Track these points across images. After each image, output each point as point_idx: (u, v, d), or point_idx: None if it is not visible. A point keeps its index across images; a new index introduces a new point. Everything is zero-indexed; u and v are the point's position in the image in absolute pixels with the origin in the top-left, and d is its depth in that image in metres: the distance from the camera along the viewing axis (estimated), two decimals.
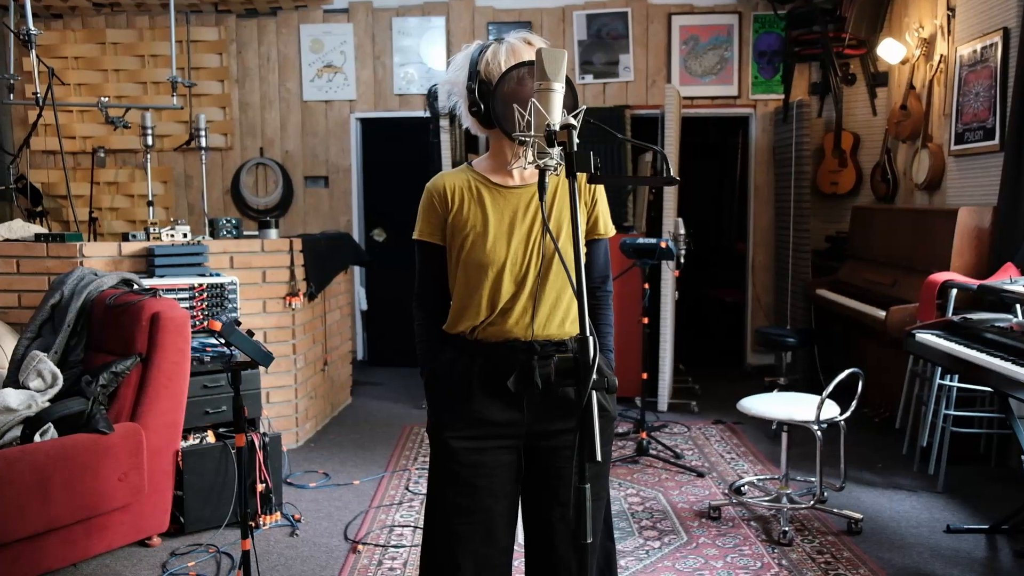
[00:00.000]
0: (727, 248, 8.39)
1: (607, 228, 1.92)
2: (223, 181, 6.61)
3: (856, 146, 5.98)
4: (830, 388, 3.17)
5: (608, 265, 1.97)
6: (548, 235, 1.76)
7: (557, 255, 1.76)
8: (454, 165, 5.43)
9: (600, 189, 1.90)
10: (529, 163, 1.51)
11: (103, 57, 6.44)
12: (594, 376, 1.25)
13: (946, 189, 4.87)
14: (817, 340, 5.58)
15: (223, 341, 2.04)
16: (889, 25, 5.74)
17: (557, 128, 1.43)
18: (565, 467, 1.84)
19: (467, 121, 1.86)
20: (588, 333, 1.26)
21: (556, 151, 1.47)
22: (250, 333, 2.11)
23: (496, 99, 1.67)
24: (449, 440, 1.82)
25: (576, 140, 1.38)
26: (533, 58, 1.74)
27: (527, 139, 1.50)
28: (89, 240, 6.23)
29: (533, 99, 1.47)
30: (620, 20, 6.34)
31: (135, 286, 3.54)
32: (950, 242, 4.13)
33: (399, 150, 6.54)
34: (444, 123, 5.36)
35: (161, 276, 3.91)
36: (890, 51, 5.34)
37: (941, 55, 4.89)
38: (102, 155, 6.28)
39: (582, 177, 1.74)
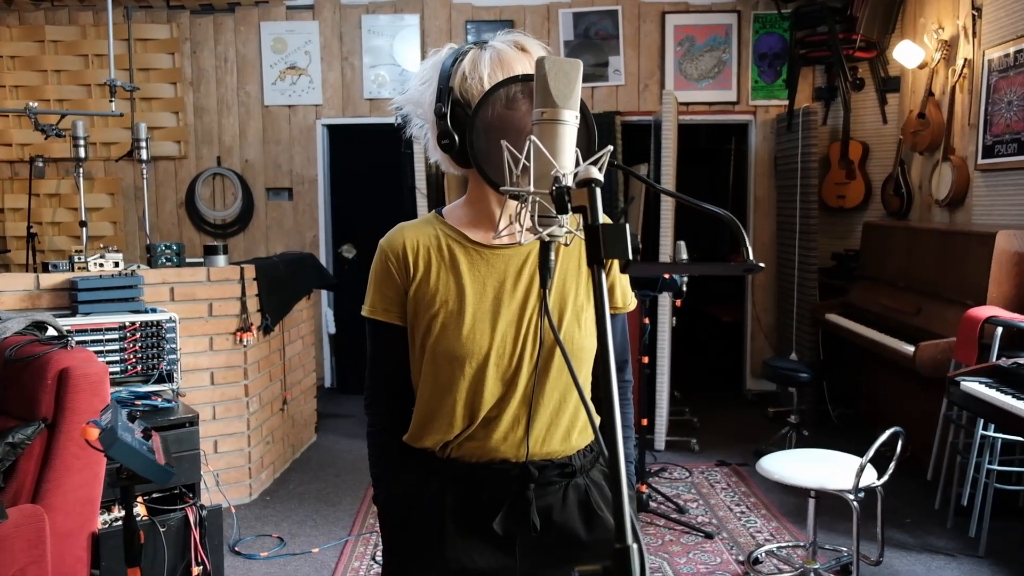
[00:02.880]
0: (721, 260, 7.94)
1: (626, 299, 1.42)
2: (177, 193, 6.04)
3: (865, 156, 5.54)
4: (871, 452, 2.69)
5: (627, 347, 1.47)
6: (547, 320, 1.26)
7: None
8: (428, 178, 4.90)
9: None
10: (526, 231, 1.01)
11: (42, 57, 5.85)
12: None
13: (971, 206, 4.43)
14: (826, 368, 5.13)
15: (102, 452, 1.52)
16: (901, 26, 5.29)
17: (571, 183, 0.92)
18: None
19: (435, 155, 1.35)
20: (632, 537, 0.75)
21: (567, 218, 0.97)
22: (146, 434, 1.59)
23: (476, 129, 1.16)
24: None
25: (600, 205, 0.88)
26: (529, 70, 1.25)
27: (523, 195, 0.99)
28: (27, 258, 5.68)
29: (532, 136, 0.97)
30: (610, 19, 5.85)
31: (49, 330, 3.00)
32: (986, 269, 3.68)
33: (370, 159, 6.00)
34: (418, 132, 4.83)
35: (86, 314, 3.36)
36: (906, 54, 4.89)
37: (965, 59, 4.45)
38: (40, 164, 5.69)
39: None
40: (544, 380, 1.30)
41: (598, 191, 0.88)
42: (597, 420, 1.15)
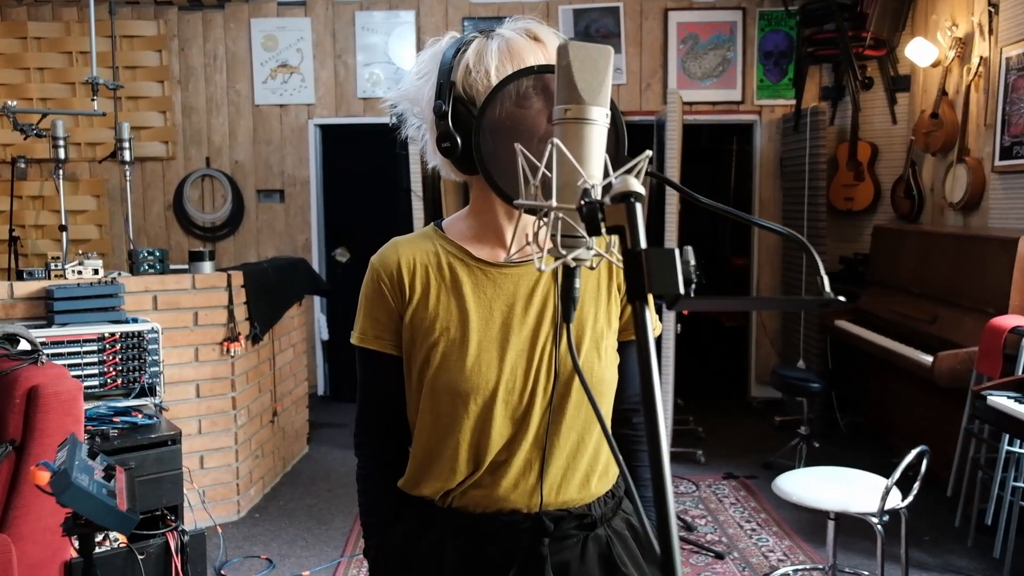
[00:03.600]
0: (722, 262, 7.77)
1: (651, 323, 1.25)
2: (164, 195, 5.86)
3: (874, 158, 5.38)
4: (896, 475, 2.53)
5: None
6: (566, 353, 1.09)
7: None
8: (424, 180, 4.72)
9: None
10: (546, 252, 0.84)
11: (25, 54, 5.66)
12: None
13: (987, 210, 4.28)
14: (835, 376, 4.97)
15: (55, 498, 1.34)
16: (912, 23, 5.14)
17: (603, 196, 0.75)
18: None
19: (435, 159, 1.18)
20: None
21: (594, 240, 0.80)
22: (108, 473, 1.42)
23: (482, 131, 0.99)
24: None
25: (642, 225, 0.71)
26: (542, 62, 1.08)
27: (543, 210, 0.82)
28: (9, 262, 5.49)
29: (554, 139, 0.80)
30: (611, 16, 5.68)
31: (21, 343, 2.81)
32: (1008, 276, 3.52)
33: (364, 160, 5.82)
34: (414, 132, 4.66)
35: (63, 324, 3.17)
36: (918, 52, 4.73)
37: (981, 57, 4.29)
38: (22, 166, 5.51)
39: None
40: (560, 419, 1.13)
41: (639, 207, 0.71)
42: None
